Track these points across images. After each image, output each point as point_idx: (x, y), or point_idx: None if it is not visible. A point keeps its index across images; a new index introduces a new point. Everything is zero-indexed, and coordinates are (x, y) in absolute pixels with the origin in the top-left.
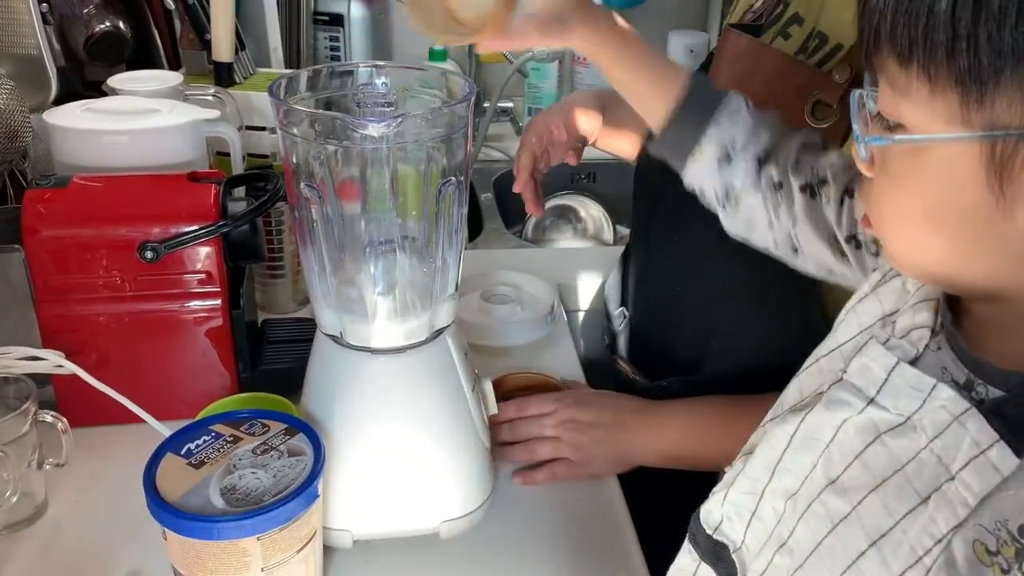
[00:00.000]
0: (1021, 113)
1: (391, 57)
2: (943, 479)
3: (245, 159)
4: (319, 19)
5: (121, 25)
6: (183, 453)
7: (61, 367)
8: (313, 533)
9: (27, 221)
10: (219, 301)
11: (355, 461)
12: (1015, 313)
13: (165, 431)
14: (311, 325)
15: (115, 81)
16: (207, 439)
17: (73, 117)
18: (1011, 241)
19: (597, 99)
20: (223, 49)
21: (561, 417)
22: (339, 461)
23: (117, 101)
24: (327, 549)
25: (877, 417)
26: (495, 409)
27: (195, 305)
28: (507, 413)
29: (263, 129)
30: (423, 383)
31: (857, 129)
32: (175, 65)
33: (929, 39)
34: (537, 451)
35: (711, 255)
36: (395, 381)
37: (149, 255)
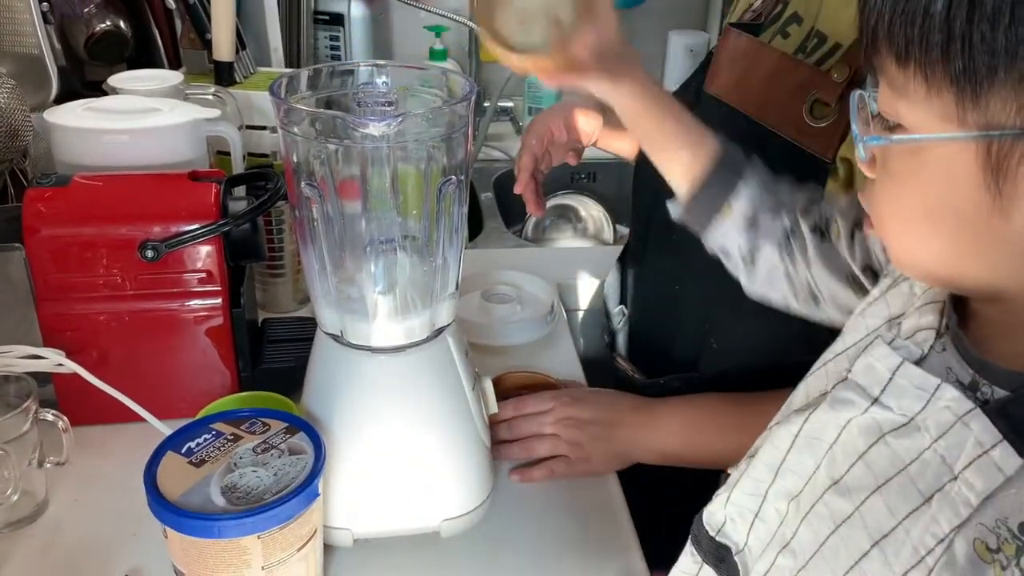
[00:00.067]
0: (1016, 113)
1: (391, 56)
2: (946, 479)
3: (245, 158)
4: (319, 18)
5: (122, 24)
6: (184, 452)
7: (62, 366)
8: (314, 532)
9: (28, 220)
10: (219, 300)
11: (355, 460)
12: (1019, 313)
13: (166, 430)
14: (311, 324)
15: (116, 80)
16: (208, 438)
17: (74, 116)
18: (1010, 241)
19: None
20: (224, 48)
21: (559, 415)
22: (339, 460)
23: (118, 100)
24: (327, 548)
25: (881, 417)
26: (495, 408)
27: (196, 304)
28: (505, 412)
29: (263, 128)
30: (423, 382)
31: (856, 129)
32: (176, 64)
33: (925, 39)
34: (535, 449)
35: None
36: (395, 380)
37: (150, 254)
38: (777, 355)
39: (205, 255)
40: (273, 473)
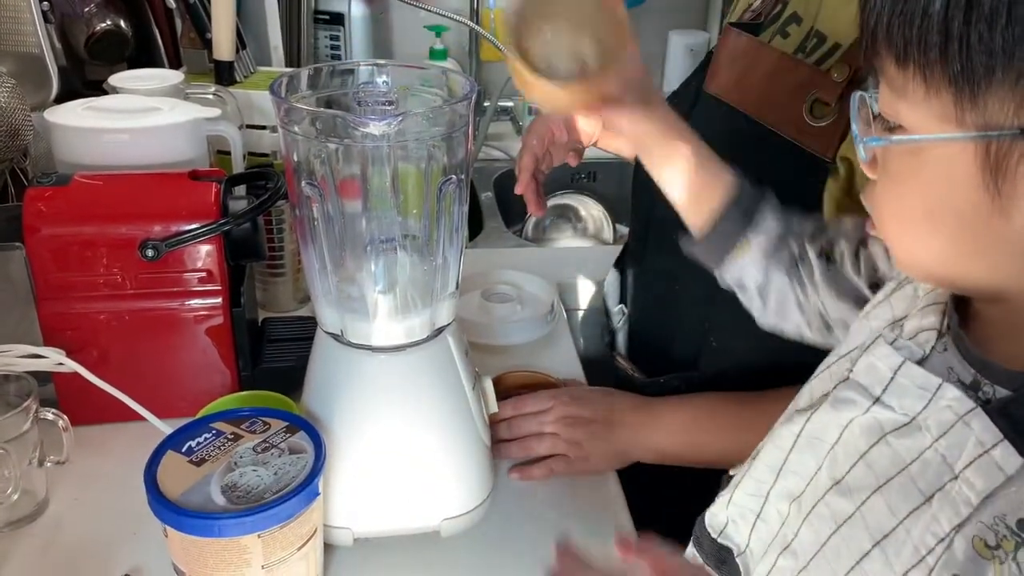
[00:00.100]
0: (1014, 113)
1: (392, 56)
2: (946, 478)
3: (246, 158)
4: (320, 18)
5: (122, 24)
6: (184, 451)
7: (62, 365)
8: (314, 531)
9: (28, 219)
10: (220, 299)
11: (356, 459)
12: (1020, 313)
13: (166, 429)
14: (312, 323)
15: (116, 80)
16: (208, 437)
17: (74, 115)
18: (1010, 241)
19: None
20: (224, 48)
21: (558, 413)
22: (340, 459)
23: (118, 99)
24: (328, 547)
25: (882, 417)
26: (495, 407)
27: (196, 303)
28: (504, 411)
29: (264, 128)
30: (424, 381)
31: (856, 129)
32: (176, 64)
33: (923, 40)
34: (534, 448)
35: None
36: (396, 379)
37: (150, 253)
38: (777, 354)
39: (205, 254)
40: (273, 472)
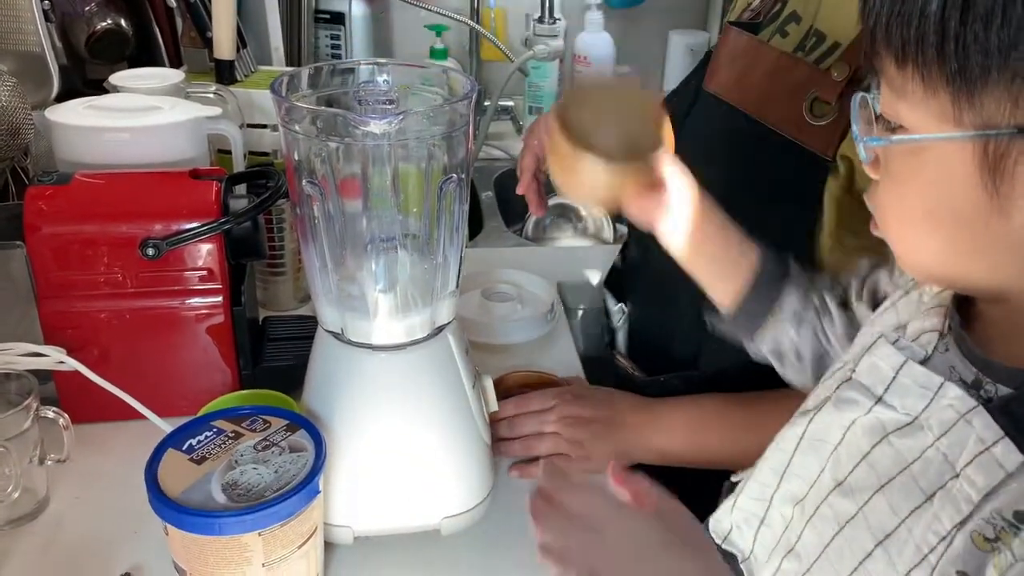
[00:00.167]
0: (1010, 112)
1: (392, 55)
2: (948, 476)
3: (246, 157)
4: (320, 17)
5: (123, 23)
6: (185, 449)
7: (63, 363)
8: (314, 529)
9: (29, 218)
10: (220, 298)
11: (356, 457)
12: (1022, 312)
13: (166, 427)
14: (312, 322)
15: (117, 78)
16: (209, 435)
17: (75, 114)
18: (1010, 240)
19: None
20: (224, 47)
21: (560, 413)
22: (340, 457)
23: (119, 98)
24: (328, 545)
25: (885, 417)
26: (496, 406)
27: (196, 302)
28: (506, 410)
29: (264, 127)
30: (424, 379)
31: (856, 129)
32: (176, 63)
33: (921, 40)
34: (536, 447)
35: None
36: (396, 377)
37: (151, 252)
38: None
39: (206, 253)
40: (274, 470)
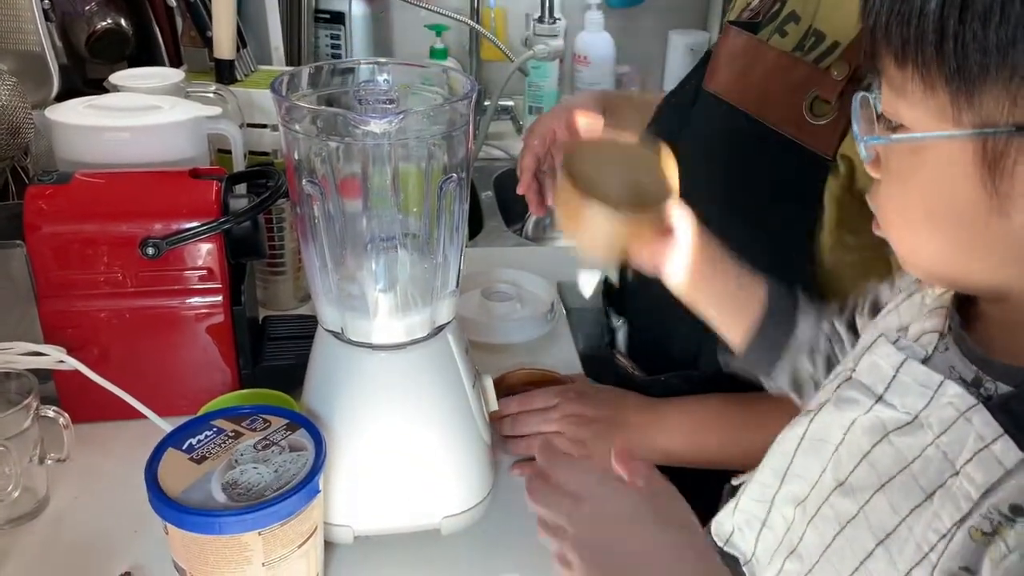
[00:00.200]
0: (1009, 110)
1: (392, 55)
2: (947, 474)
3: (246, 156)
4: (320, 17)
5: (123, 22)
6: (185, 448)
7: (63, 363)
8: (314, 528)
9: (29, 217)
10: (220, 297)
11: (356, 456)
12: (1022, 311)
13: (166, 427)
14: (312, 322)
15: (117, 78)
16: (209, 434)
17: (75, 114)
18: (1009, 239)
19: (598, 101)
20: (224, 46)
21: (563, 412)
22: (340, 456)
23: (119, 98)
24: (328, 545)
25: (885, 416)
26: (495, 406)
27: (196, 301)
28: (509, 407)
29: (264, 126)
30: (424, 379)
31: (857, 128)
32: (177, 62)
33: (920, 39)
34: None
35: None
36: (396, 377)
37: (151, 251)
38: None
39: (206, 252)
40: (274, 470)
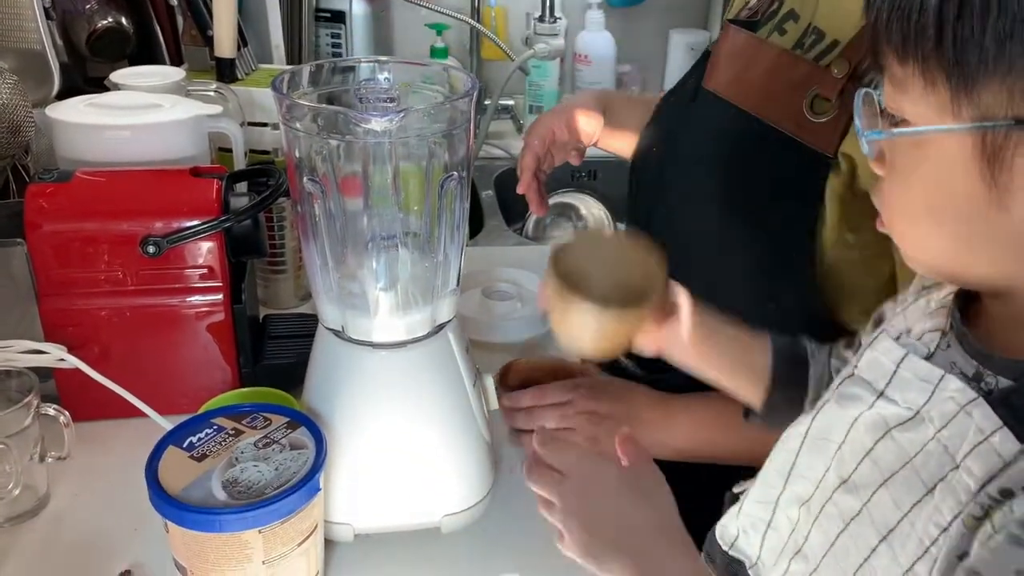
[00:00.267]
0: (1007, 104)
1: (393, 53)
2: (948, 468)
3: (247, 155)
4: (321, 16)
5: (123, 21)
6: (185, 446)
7: (63, 361)
8: (314, 526)
9: (29, 216)
10: (221, 296)
11: (356, 455)
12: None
13: (167, 425)
14: (312, 320)
15: (117, 76)
16: (209, 432)
17: (76, 112)
18: (1009, 233)
19: (598, 100)
20: (225, 45)
21: (577, 408)
22: (340, 455)
23: (119, 96)
24: (328, 543)
25: (887, 412)
26: (496, 404)
27: (197, 300)
28: (523, 400)
29: (265, 125)
30: (424, 377)
31: (859, 124)
32: (177, 61)
33: (920, 34)
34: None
35: (709, 250)
36: (396, 375)
37: (151, 250)
38: None
39: (206, 251)
40: (274, 468)
